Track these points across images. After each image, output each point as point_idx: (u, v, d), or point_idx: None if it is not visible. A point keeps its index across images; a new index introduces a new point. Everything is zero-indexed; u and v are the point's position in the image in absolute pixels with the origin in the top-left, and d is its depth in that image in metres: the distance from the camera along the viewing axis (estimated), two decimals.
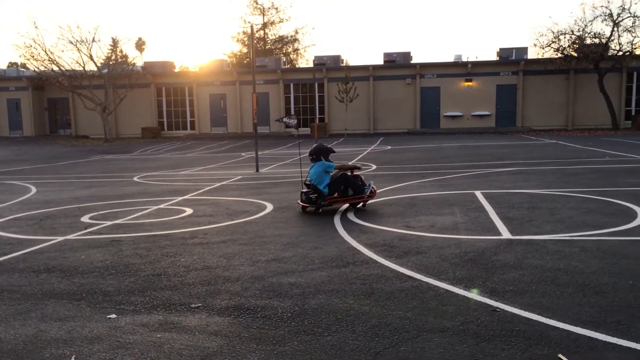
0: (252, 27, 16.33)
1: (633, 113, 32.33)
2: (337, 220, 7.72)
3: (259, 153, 16.61)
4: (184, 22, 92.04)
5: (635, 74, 32.40)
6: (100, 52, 43.44)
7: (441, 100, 34.38)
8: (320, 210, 8.37)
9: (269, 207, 9.01)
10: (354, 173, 8.77)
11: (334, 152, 8.82)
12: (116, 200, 10.35)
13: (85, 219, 8.46)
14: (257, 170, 14.71)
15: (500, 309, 4.13)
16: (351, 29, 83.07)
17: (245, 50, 52.08)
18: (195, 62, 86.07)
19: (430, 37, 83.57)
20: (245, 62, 49.30)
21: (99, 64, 35.14)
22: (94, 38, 33.54)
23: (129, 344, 3.73)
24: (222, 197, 10.27)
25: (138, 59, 43.68)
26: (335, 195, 8.50)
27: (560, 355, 3.32)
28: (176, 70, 40.71)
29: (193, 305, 4.44)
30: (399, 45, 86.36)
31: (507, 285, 4.66)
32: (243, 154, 21.54)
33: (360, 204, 8.63)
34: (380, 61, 35.53)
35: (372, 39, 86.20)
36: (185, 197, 10.47)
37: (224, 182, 12.57)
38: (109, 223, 8.06)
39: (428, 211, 8.20)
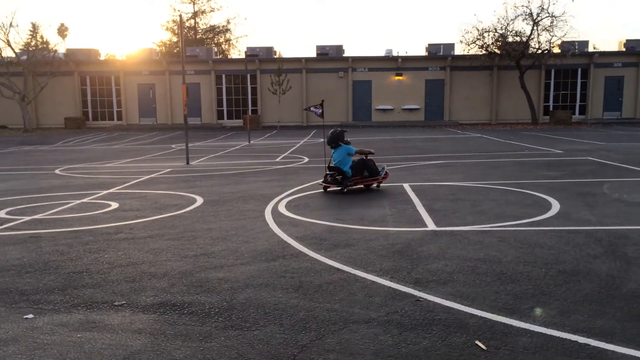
0: (181, 16, 15.94)
1: (551, 109, 34.22)
2: (268, 213, 7.71)
3: (190, 145, 16.28)
4: (111, 9, 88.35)
5: (553, 71, 34.27)
6: (19, 38, 40.91)
7: (373, 94, 34.97)
8: (345, 190, 9.23)
9: (199, 200, 8.86)
10: (368, 157, 9.68)
11: (346, 131, 9.86)
12: (36, 194, 9.85)
13: (1, 214, 8.00)
14: (188, 163, 14.42)
15: (423, 298, 4.28)
16: (284, 21, 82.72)
17: (175, 39, 50.75)
18: (123, 51, 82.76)
19: (362, 30, 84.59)
20: (176, 51, 48.07)
21: (17, 50, 33.19)
22: (11, 23, 31.75)
23: (47, 345, 3.58)
24: (150, 191, 10.00)
25: (60, 46, 41.50)
26: (357, 177, 9.46)
27: (477, 342, 3.48)
28: (102, 58, 39.10)
29: (116, 303, 4.31)
30: (331, 39, 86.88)
31: (431, 276, 4.83)
32: (173, 145, 21.04)
33: (375, 185, 9.69)
34: (313, 54, 35.64)
35: (304, 32, 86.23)
36: (110, 190, 10.11)
37: (152, 175, 12.23)
38: (27, 218, 7.66)
39: (358, 204, 8.34)
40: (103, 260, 5.53)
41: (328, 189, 9.43)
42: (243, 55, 38.16)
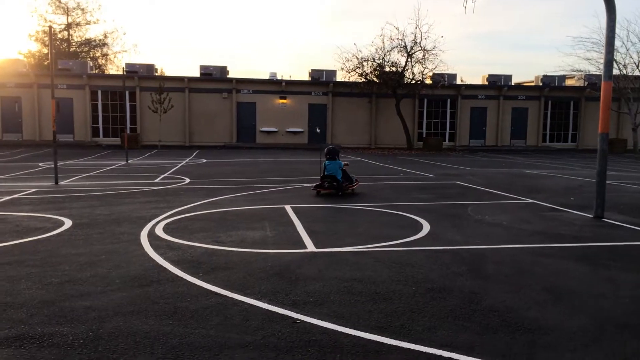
0: (51, 27, 14.99)
1: (424, 135, 36.52)
2: (144, 236, 7.38)
3: (60, 164, 15.21)
4: None
5: (425, 101, 36.69)
6: None
7: (257, 116, 35.09)
8: (340, 193, 11.59)
9: (68, 223, 8.27)
10: (343, 168, 12.08)
11: (340, 152, 12.60)
12: None
13: None
14: (57, 183, 13.44)
15: (300, 320, 4.32)
16: (166, 39, 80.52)
17: (45, 50, 47.47)
18: None
19: (247, 53, 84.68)
20: (46, 63, 44.93)
21: None
22: None
23: None
24: (11, 213, 9.17)
25: None
26: (345, 183, 11.93)
27: None
28: None
29: None
30: (215, 59, 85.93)
31: (308, 297, 4.89)
32: (41, 164, 19.51)
33: (350, 190, 12.12)
34: (196, 73, 35.09)
35: (188, 51, 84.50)
36: None
37: (15, 196, 11.23)
38: None
39: (239, 226, 8.27)
40: None
41: (320, 192, 11.76)
42: (122, 72, 36.62)
